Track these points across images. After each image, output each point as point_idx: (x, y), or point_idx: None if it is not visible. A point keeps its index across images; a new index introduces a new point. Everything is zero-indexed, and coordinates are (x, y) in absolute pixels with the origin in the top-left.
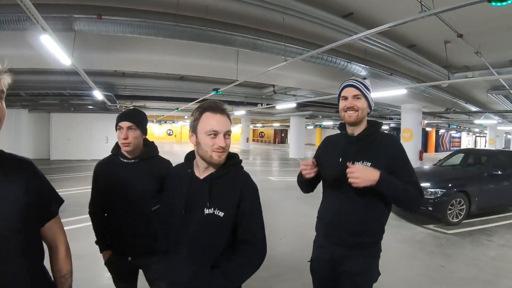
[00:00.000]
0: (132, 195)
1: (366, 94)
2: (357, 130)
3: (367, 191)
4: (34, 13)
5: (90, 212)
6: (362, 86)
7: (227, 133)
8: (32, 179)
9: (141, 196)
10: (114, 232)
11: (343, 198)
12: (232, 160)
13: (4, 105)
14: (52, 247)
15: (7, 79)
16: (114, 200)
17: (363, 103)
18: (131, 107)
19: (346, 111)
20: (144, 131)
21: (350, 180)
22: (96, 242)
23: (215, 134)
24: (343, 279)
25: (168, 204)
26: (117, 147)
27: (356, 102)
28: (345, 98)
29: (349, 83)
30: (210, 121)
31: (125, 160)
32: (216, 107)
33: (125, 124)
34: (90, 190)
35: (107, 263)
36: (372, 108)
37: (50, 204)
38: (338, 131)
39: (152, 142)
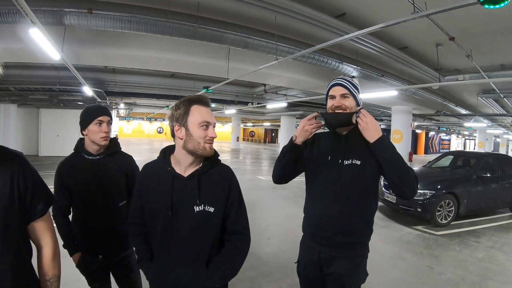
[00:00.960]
0: (100, 191)
1: (354, 93)
2: (345, 130)
3: (355, 189)
4: (24, 6)
5: (54, 216)
6: (350, 85)
7: (215, 125)
8: (19, 174)
9: (109, 192)
10: (82, 232)
11: (331, 197)
12: (214, 155)
13: None
14: (37, 249)
15: None
16: (81, 199)
17: (351, 102)
18: (97, 103)
19: (333, 110)
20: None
21: (359, 122)
22: (64, 246)
23: (207, 125)
24: (331, 280)
25: (147, 208)
26: (80, 144)
27: (344, 101)
28: (333, 97)
29: (337, 81)
30: (202, 113)
31: (90, 157)
32: (204, 100)
33: (106, 118)
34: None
35: (78, 266)
36: (361, 107)
37: (38, 202)
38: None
39: (115, 138)
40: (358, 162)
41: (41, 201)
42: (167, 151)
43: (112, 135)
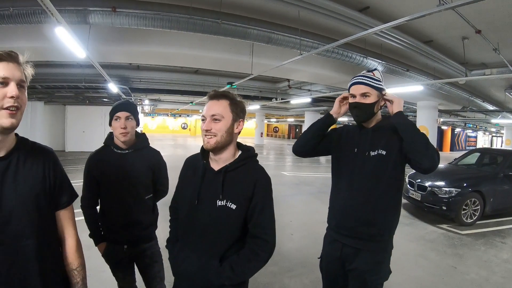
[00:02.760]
0: (126, 184)
1: (377, 85)
2: (370, 124)
3: (380, 179)
4: (49, 6)
5: (83, 206)
6: (372, 80)
7: (213, 116)
8: (50, 167)
9: (135, 186)
10: (109, 222)
11: (355, 187)
12: (247, 153)
13: (26, 95)
14: (61, 239)
15: (29, 70)
16: (107, 190)
17: (372, 99)
18: (124, 99)
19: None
20: (138, 121)
21: (388, 96)
22: (90, 236)
23: (204, 119)
24: (353, 277)
25: (181, 195)
26: (109, 138)
27: (365, 100)
28: (353, 96)
29: (357, 80)
30: (204, 107)
31: (119, 151)
32: (211, 94)
33: (123, 114)
34: (82, 183)
35: (104, 255)
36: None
37: (63, 194)
38: None
39: (144, 133)
40: (384, 152)
41: (66, 194)
42: None
43: (137, 131)
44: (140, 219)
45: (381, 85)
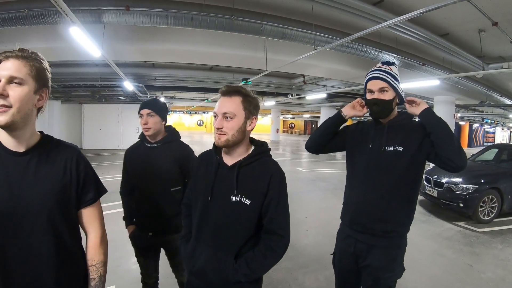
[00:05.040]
0: (153, 176)
1: (394, 84)
2: (387, 120)
3: (395, 175)
4: (63, 6)
5: (120, 192)
6: (389, 77)
7: (226, 115)
8: (72, 164)
9: (161, 177)
10: (138, 209)
11: (370, 183)
12: (260, 148)
13: (24, 90)
14: (86, 235)
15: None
16: (138, 181)
17: (390, 95)
18: (152, 97)
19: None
20: (163, 117)
21: (407, 106)
22: (123, 218)
23: (215, 116)
24: (366, 273)
25: (194, 191)
26: (142, 134)
27: (383, 96)
28: (371, 91)
29: (374, 75)
30: (217, 103)
31: (149, 145)
32: (224, 90)
33: (145, 111)
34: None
35: (130, 237)
36: (403, 98)
37: (88, 190)
38: None
39: (174, 128)
40: (400, 149)
41: (92, 190)
42: None
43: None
44: (164, 210)
45: (397, 83)
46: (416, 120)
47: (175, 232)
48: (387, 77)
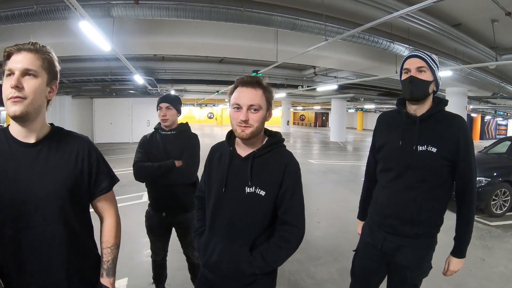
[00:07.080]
0: (164, 158)
1: (433, 67)
2: (420, 110)
3: (428, 178)
4: (72, 1)
5: (135, 163)
6: (429, 58)
7: (252, 107)
8: (84, 154)
9: (174, 159)
10: (152, 190)
11: (401, 185)
12: (274, 139)
13: (38, 82)
14: (101, 220)
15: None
16: (154, 162)
17: (428, 77)
18: (169, 92)
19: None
20: (178, 110)
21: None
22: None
23: (238, 107)
24: (393, 272)
25: (207, 183)
26: (158, 124)
27: (420, 75)
28: (408, 70)
29: (413, 53)
30: (237, 94)
31: (163, 132)
32: (246, 81)
33: (164, 104)
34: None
35: (146, 215)
36: (439, 86)
37: (102, 180)
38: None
39: (186, 122)
40: (434, 150)
41: (106, 179)
42: (233, 133)
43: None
44: (176, 192)
45: (437, 68)
46: (453, 112)
47: (186, 211)
48: (427, 57)
